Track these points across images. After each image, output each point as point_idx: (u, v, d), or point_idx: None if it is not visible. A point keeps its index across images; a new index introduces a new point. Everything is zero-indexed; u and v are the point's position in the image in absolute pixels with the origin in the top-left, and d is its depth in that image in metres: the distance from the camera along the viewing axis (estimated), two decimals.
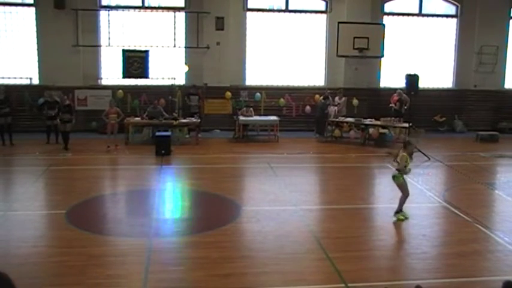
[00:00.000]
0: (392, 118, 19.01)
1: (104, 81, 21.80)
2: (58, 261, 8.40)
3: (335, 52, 21.47)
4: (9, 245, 9.28)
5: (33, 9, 20.93)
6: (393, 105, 20.24)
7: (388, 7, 22.92)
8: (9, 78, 20.97)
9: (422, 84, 18.69)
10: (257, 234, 9.72)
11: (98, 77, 21.73)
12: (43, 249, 9.07)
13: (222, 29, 21.53)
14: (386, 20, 22.62)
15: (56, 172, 14.73)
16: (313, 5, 22.62)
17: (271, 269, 8.11)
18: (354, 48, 21.11)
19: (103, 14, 21.41)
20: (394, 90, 20.68)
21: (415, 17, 23.24)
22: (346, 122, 19.95)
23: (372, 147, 18.77)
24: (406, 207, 10.77)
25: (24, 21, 21.12)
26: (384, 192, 13.24)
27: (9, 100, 18.66)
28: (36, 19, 20.91)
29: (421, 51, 23.20)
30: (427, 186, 13.20)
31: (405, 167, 10.56)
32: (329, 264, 8.24)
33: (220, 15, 21.43)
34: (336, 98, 20.63)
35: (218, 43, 21.42)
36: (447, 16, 23.61)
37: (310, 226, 10.17)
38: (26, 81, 21.21)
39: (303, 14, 22.54)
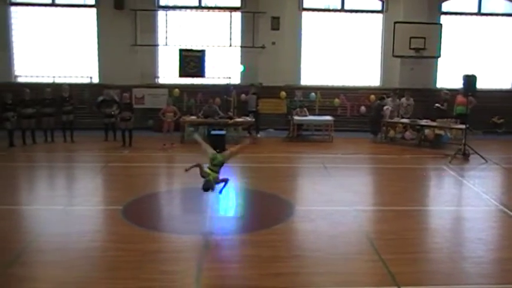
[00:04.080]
0: (449, 119, 18.72)
1: (161, 80, 22.20)
2: (114, 256, 8.62)
3: (391, 52, 21.26)
4: (68, 239, 9.57)
5: (94, 10, 21.49)
6: (439, 105, 19.93)
7: (445, 6, 22.53)
8: (71, 77, 21.57)
9: (480, 85, 18.31)
10: (310, 234, 9.75)
11: (155, 76, 22.14)
12: (100, 244, 9.33)
13: (278, 29, 21.62)
14: (443, 19, 22.24)
15: (114, 169, 15.09)
16: (369, 4, 22.46)
17: (323, 269, 8.13)
18: (410, 48, 20.86)
19: (161, 14, 21.80)
20: (455, 91, 20.37)
21: (474, 16, 22.77)
22: (401, 123, 19.73)
23: (428, 148, 18.50)
24: (462, 210, 10.60)
25: (85, 22, 21.66)
26: (438, 195, 13.07)
27: (72, 98, 19.25)
28: (97, 19, 21.47)
29: (479, 51, 22.72)
30: (483, 189, 12.95)
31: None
32: (382, 266, 8.20)
33: (275, 15, 21.52)
34: (403, 99, 20.38)
35: (273, 43, 21.52)
36: (507, 15, 23.04)
37: (363, 227, 10.14)
38: (87, 80, 21.80)
39: (358, 14, 22.41)
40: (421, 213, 11.36)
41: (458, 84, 18.57)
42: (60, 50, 21.79)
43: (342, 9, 22.38)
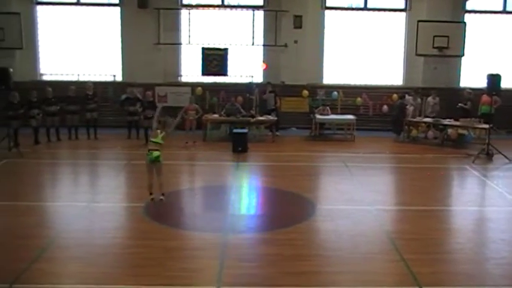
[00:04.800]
0: (472, 119, 18.57)
1: (184, 79, 22.29)
2: (136, 253, 8.73)
3: (414, 51, 21.14)
4: (92, 235, 9.72)
5: (118, 9, 21.65)
6: (462, 104, 19.77)
7: (470, 5, 22.26)
8: (95, 75, 21.78)
9: (505, 84, 18.11)
10: (331, 233, 9.77)
11: (177, 74, 22.26)
12: (122, 241, 9.45)
13: (300, 27, 21.58)
14: (467, 17, 22.00)
15: (136, 166, 15.17)
16: (392, 3, 22.34)
17: (344, 268, 8.15)
18: (433, 47, 20.72)
19: (184, 12, 21.89)
20: (478, 90, 20.18)
21: (499, 15, 22.50)
22: (424, 122, 19.61)
23: (451, 148, 18.36)
24: (485, 210, 10.53)
25: (109, 21, 21.86)
26: (461, 195, 13.01)
27: (96, 96, 19.45)
28: (121, 18, 21.62)
29: (504, 50, 22.46)
30: (507, 189, 12.85)
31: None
32: (403, 266, 8.19)
33: (298, 14, 21.49)
34: (429, 98, 20.23)
35: (296, 41, 21.49)
36: None
37: (384, 226, 10.13)
38: (110, 78, 21.99)
39: (381, 12, 22.29)
40: (443, 213, 11.32)
41: (482, 83, 18.37)
42: (84, 49, 21.98)
43: (365, 8, 22.27)
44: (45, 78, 22.01)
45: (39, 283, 7.57)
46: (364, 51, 22.31)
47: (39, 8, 21.81)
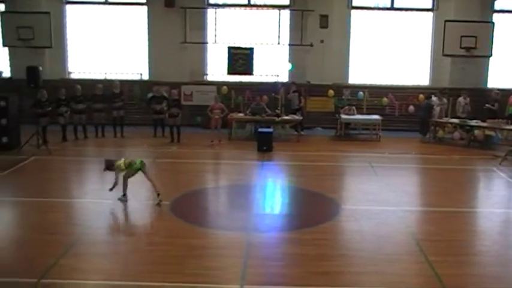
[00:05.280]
0: (500, 120, 18.37)
1: (210, 78, 22.39)
2: (161, 250, 8.81)
3: (441, 51, 20.97)
4: (117, 233, 9.86)
5: (145, 8, 21.83)
6: (490, 105, 19.56)
7: (498, 4, 22.01)
8: (121, 73, 21.99)
9: None
10: (355, 234, 9.75)
11: (203, 73, 22.36)
12: (147, 238, 9.54)
13: (326, 27, 21.54)
14: (496, 17, 21.76)
15: (162, 164, 15.32)
16: (419, 2, 22.17)
17: (369, 269, 8.13)
18: (460, 47, 20.52)
19: (210, 11, 21.99)
20: (507, 91, 19.96)
21: None
22: (451, 123, 19.45)
23: (477, 149, 18.17)
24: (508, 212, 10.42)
25: (136, 20, 22.03)
26: (487, 196, 12.88)
27: (123, 94, 19.63)
28: (148, 17, 21.79)
29: None
30: None
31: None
32: (428, 268, 8.15)
33: (324, 13, 21.46)
34: (460, 99, 20.06)
35: (322, 41, 21.46)
36: None
37: (410, 228, 10.08)
38: (137, 77, 22.18)
39: (408, 12, 22.15)
40: (469, 215, 11.22)
41: (510, 84, 18.21)
42: (111, 47, 22.21)
43: (392, 8, 22.14)
44: (73, 76, 22.29)
45: (66, 278, 7.69)
46: (390, 51, 22.19)
47: (68, 7, 22.09)
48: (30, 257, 8.42)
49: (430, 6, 22.12)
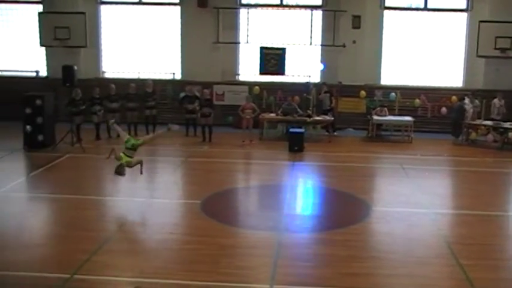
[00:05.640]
0: None
1: (241, 77, 22.47)
2: (192, 249, 8.90)
3: (474, 52, 20.70)
4: (149, 231, 9.99)
5: (178, 8, 21.99)
6: None
7: None
8: (154, 73, 22.19)
9: None
10: (386, 236, 9.73)
11: (235, 73, 22.45)
12: (179, 237, 9.65)
13: (359, 28, 21.45)
14: None
15: (193, 164, 15.46)
16: (453, 3, 21.93)
17: (399, 271, 8.11)
18: (495, 48, 20.24)
19: (243, 12, 22.06)
20: None
21: None
22: (484, 125, 19.21)
23: (511, 152, 17.90)
24: None
25: (169, 20, 22.22)
26: None
27: (155, 94, 19.82)
28: (181, 17, 21.94)
29: None
30: None
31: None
32: (460, 271, 8.09)
33: (357, 14, 21.36)
34: (495, 100, 19.81)
35: (354, 41, 21.37)
36: None
37: (441, 231, 10.01)
38: (170, 76, 22.36)
39: (441, 13, 21.92)
40: (502, 219, 11.09)
41: None
42: (145, 47, 22.43)
43: (425, 8, 21.95)
44: (107, 75, 22.56)
45: (99, 275, 7.84)
46: (423, 51, 22.00)
47: (102, 7, 22.37)
48: (64, 253, 8.60)
49: (464, 6, 21.85)
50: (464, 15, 21.84)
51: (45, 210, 11.36)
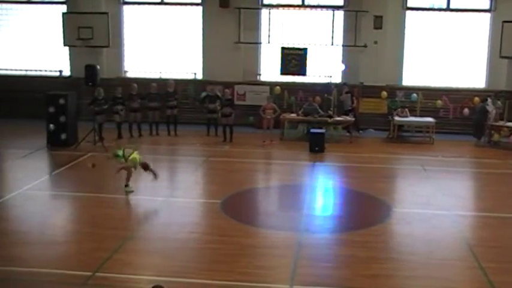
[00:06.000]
0: None
1: (263, 78, 22.48)
2: (212, 249, 8.96)
3: (498, 53, 20.50)
4: (169, 230, 10.05)
5: (200, 8, 22.08)
6: None
7: None
8: (176, 73, 22.30)
9: None
10: (407, 237, 9.69)
11: (257, 73, 22.47)
12: (199, 236, 9.71)
13: (380, 28, 21.34)
14: None
15: (214, 163, 15.53)
16: (476, 3, 21.73)
17: (420, 273, 8.08)
18: None
19: (264, 12, 22.07)
20: None
21: None
22: (507, 127, 19.03)
23: None
24: None
25: (191, 20, 22.30)
26: None
27: (177, 93, 19.92)
28: (203, 17, 22.01)
29: None
30: None
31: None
32: (481, 274, 8.04)
33: (378, 14, 21.25)
34: None
35: (376, 42, 21.28)
36: None
37: (463, 233, 9.95)
38: (191, 76, 22.45)
39: (464, 13, 21.73)
40: None
41: None
42: (166, 47, 22.55)
43: (448, 9, 21.79)
44: (129, 75, 22.71)
45: (120, 273, 7.93)
46: (445, 52, 21.84)
47: (125, 7, 22.53)
48: (86, 251, 8.71)
49: (487, 6, 21.65)
50: (488, 15, 21.63)
51: (67, 208, 11.51)
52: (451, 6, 21.68)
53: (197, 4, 22.15)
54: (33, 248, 8.88)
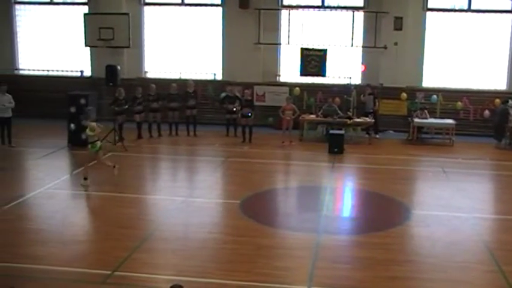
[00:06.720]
0: None
1: (282, 78, 22.49)
2: (230, 249, 9.00)
3: None
4: (188, 230, 10.12)
5: (220, 9, 22.16)
6: None
7: None
8: (196, 73, 22.39)
9: None
10: (426, 240, 9.65)
11: (276, 74, 22.48)
12: (218, 236, 9.76)
13: (400, 29, 21.24)
14: None
15: (233, 164, 15.56)
16: (497, 4, 21.53)
17: (438, 276, 8.05)
18: None
19: (284, 13, 22.08)
20: None
21: None
22: None
23: None
24: None
25: (211, 21, 22.39)
26: None
27: (196, 94, 20.00)
28: (223, 18, 22.09)
29: None
30: None
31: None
32: (501, 277, 7.99)
33: (398, 15, 21.15)
34: None
35: (396, 43, 21.18)
36: None
37: (482, 236, 9.88)
38: (211, 77, 22.53)
39: (485, 14, 21.56)
40: None
41: None
42: (186, 48, 22.65)
43: (469, 10, 21.61)
44: (149, 75, 22.85)
45: (138, 272, 8.00)
46: (466, 53, 21.67)
47: (146, 8, 22.67)
48: (105, 250, 8.80)
49: (509, 7, 21.45)
50: (509, 16, 21.43)
51: (87, 207, 11.65)
52: (472, 7, 21.51)
53: (217, 5, 22.24)
54: (53, 246, 8.99)
